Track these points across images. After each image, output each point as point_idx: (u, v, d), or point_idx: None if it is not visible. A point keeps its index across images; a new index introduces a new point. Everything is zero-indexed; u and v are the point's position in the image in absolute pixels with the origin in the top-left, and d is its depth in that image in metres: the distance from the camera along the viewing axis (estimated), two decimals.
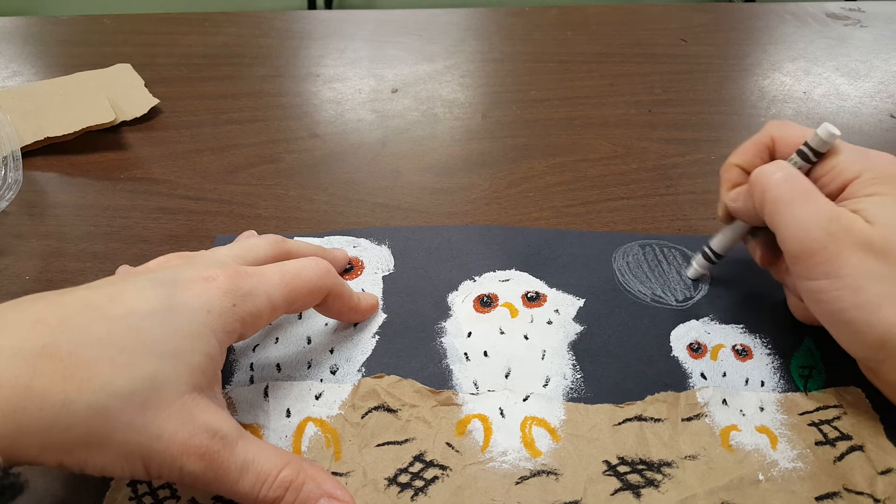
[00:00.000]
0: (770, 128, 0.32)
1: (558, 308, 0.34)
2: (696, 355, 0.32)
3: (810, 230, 0.27)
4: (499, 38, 0.65)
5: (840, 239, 0.26)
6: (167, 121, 0.51)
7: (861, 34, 0.65)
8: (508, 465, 0.27)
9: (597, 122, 0.51)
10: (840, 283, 0.26)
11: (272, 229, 0.40)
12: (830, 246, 0.26)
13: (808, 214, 0.27)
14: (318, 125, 0.51)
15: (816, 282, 0.27)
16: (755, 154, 0.32)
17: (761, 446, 0.28)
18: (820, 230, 0.27)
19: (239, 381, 0.31)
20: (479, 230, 0.39)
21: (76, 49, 0.62)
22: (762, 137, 0.32)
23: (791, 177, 0.28)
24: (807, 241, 0.27)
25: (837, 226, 0.27)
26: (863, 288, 0.26)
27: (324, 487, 0.24)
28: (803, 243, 0.27)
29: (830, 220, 0.27)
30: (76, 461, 0.21)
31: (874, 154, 0.29)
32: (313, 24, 0.68)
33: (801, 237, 0.27)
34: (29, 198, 0.43)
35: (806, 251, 0.27)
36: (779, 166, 0.29)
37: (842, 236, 0.26)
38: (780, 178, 0.29)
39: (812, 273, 0.27)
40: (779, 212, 0.28)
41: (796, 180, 0.28)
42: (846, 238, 0.26)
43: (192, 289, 0.25)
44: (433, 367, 0.31)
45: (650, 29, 0.66)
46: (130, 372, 0.22)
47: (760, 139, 0.32)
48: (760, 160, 0.32)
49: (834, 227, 0.27)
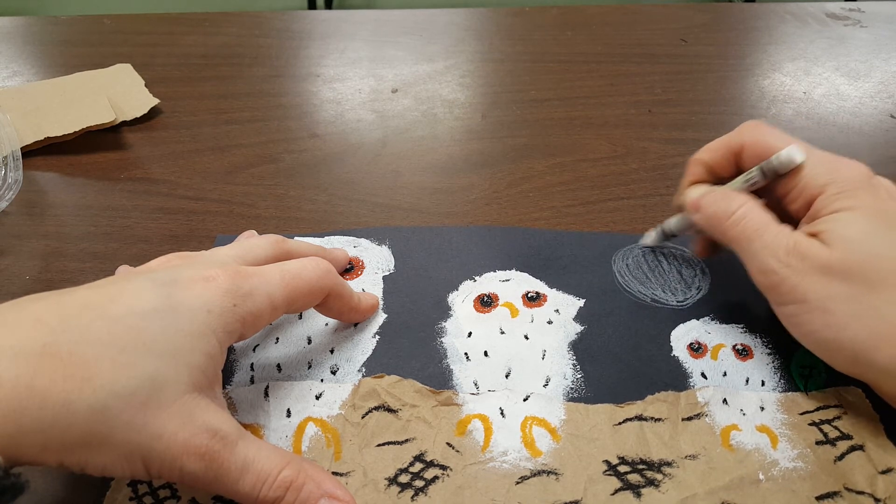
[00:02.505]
0: (744, 131, 0.32)
1: (559, 308, 0.34)
2: (696, 355, 0.32)
3: (769, 264, 0.28)
4: (499, 38, 0.65)
5: (798, 269, 0.27)
6: (167, 121, 0.51)
7: (861, 34, 0.65)
8: (509, 465, 0.27)
9: (597, 122, 0.51)
10: (807, 307, 0.27)
11: (272, 229, 0.40)
12: (791, 277, 0.27)
13: (766, 249, 0.28)
14: (318, 125, 0.51)
15: (786, 307, 0.28)
16: (723, 156, 0.33)
17: (762, 446, 0.28)
18: (777, 262, 0.28)
19: (239, 381, 0.31)
20: (479, 230, 0.39)
21: (76, 49, 0.62)
22: (734, 139, 0.32)
23: (746, 216, 0.29)
24: (769, 275, 0.28)
25: (794, 256, 0.27)
26: (829, 309, 0.26)
27: (324, 487, 0.24)
28: (766, 276, 0.28)
29: (787, 251, 0.28)
30: (77, 461, 0.21)
31: (842, 164, 0.29)
32: (313, 24, 0.68)
33: (763, 271, 0.28)
34: (29, 198, 0.43)
35: (769, 284, 0.28)
36: (737, 204, 0.30)
37: (799, 266, 0.27)
38: (735, 219, 0.30)
39: (781, 299, 0.28)
40: (742, 249, 0.30)
41: (751, 218, 0.29)
42: (804, 266, 0.27)
43: (192, 289, 0.25)
44: (433, 367, 0.31)
45: (650, 29, 0.66)
46: (131, 372, 0.22)
47: (732, 141, 0.33)
48: (727, 162, 0.33)
49: (791, 258, 0.27)
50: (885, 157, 0.47)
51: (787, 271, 0.27)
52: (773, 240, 0.28)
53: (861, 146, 0.48)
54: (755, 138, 0.31)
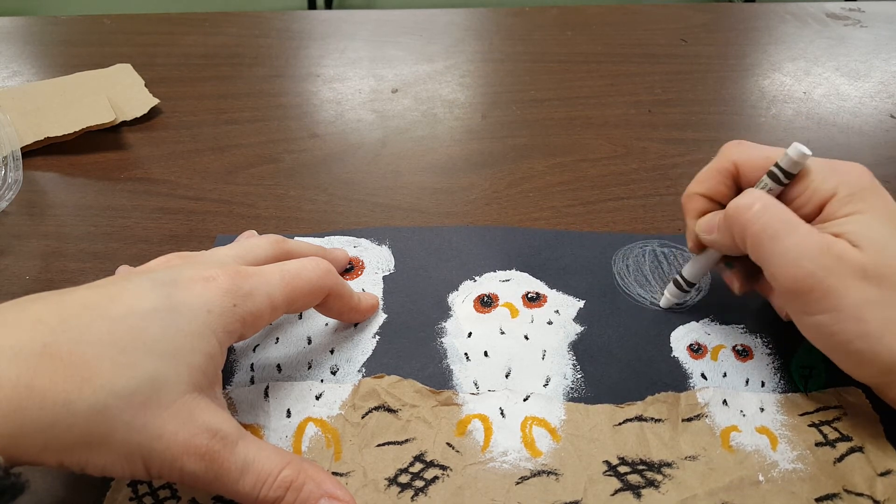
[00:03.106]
0: (729, 152, 0.31)
1: (559, 308, 0.34)
2: (696, 356, 0.32)
3: (803, 265, 0.26)
4: (499, 38, 0.65)
5: (835, 271, 0.25)
6: (167, 121, 0.51)
7: (861, 34, 0.65)
8: (509, 465, 0.27)
9: (597, 122, 0.51)
10: (841, 315, 0.25)
11: (272, 229, 0.40)
12: (827, 279, 0.25)
13: (797, 248, 0.26)
14: (318, 125, 0.51)
15: (816, 317, 0.26)
16: (719, 181, 0.31)
17: (761, 447, 0.28)
18: (813, 264, 0.25)
19: (239, 381, 0.31)
20: (479, 230, 0.39)
21: (76, 49, 0.62)
22: (723, 163, 0.31)
23: (769, 207, 0.27)
24: (801, 277, 0.26)
25: (829, 257, 0.25)
26: (864, 318, 0.25)
27: (324, 487, 0.24)
28: (797, 280, 0.26)
29: (821, 251, 0.25)
30: (77, 461, 0.21)
31: (844, 167, 0.28)
32: (313, 24, 0.68)
33: (794, 273, 0.26)
34: (29, 198, 0.43)
35: (802, 287, 0.26)
36: (754, 197, 0.28)
37: (836, 268, 0.25)
38: (758, 210, 0.27)
39: (810, 308, 0.26)
40: (764, 247, 0.27)
41: (775, 211, 0.27)
42: (841, 269, 0.25)
43: (192, 289, 0.25)
44: (433, 367, 0.31)
45: (650, 29, 0.66)
46: (131, 372, 0.22)
47: (721, 165, 0.31)
48: (725, 187, 0.31)
49: (826, 258, 0.25)
50: (885, 157, 0.47)
51: (824, 273, 0.25)
52: (803, 238, 0.26)
53: (861, 146, 0.48)
54: (747, 154, 0.30)
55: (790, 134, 0.50)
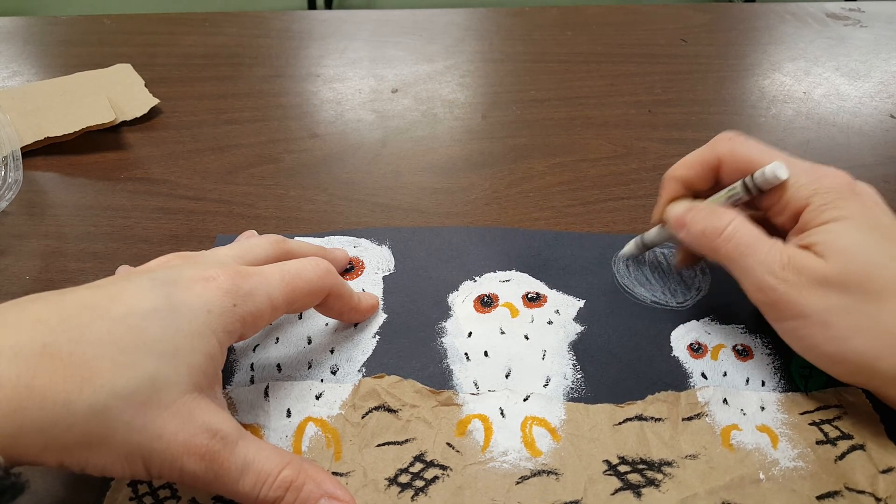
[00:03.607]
0: (719, 145, 0.32)
1: (559, 308, 0.34)
2: (696, 355, 0.32)
3: (765, 281, 0.27)
4: (499, 38, 0.65)
5: (795, 283, 0.27)
6: (167, 121, 0.51)
7: (861, 34, 0.65)
8: (509, 465, 0.27)
9: (597, 122, 0.51)
10: (807, 321, 0.27)
11: (272, 229, 0.40)
12: (788, 292, 0.27)
13: (760, 265, 0.28)
14: (318, 125, 0.51)
15: (786, 322, 0.28)
16: (699, 173, 0.32)
17: (762, 445, 0.28)
18: (774, 279, 0.27)
19: (239, 381, 0.31)
20: (479, 231, 0.39)
21: (76, 49, 0.62)
22: (709, 156, 0.32)
23: (738, 229, 0.29)
24: (766, 291, 0.28)
25: (790, 271, 0.27)
26: (829, 322, 0.26)
27: (324, 487, 0.24)
28: (763, 294, 0.28)
29: (782, 266, 0.27)
30: (77, 461, 0.21)
31: (820, 173, 0.29)
32: (313, 24, 0.68)
33: (760, 288, 0.28)
34: (29, 198, 0.43)
35: (767, 300, 0.28)
36: (724, 220, 0.29)
37: (796, 281, 0.27)
38: (728, 233, 0.29)
39: (780, 316, 0.28)
40: (736, 265, 0.29)
41: (743, 232, 0.29)
42: (801, 280, 0.27)
43: (192, 288, 0.25)
44: (433, 367, 0.31)
45: (650, 29, 0.66)
46: (131, 372, 0.22)
47: (706, 157, 0.32)
48: (704, 180, 0.32)
49: (787, 273, 0.27)
50: (885, 157, 0.47)
51: (785, 286, 0.27)
52: (766, 255, 0.28)
53: (861, 146, 0.48)
54: (733, 152, 0.31)
55: (790, 134, 0.50)
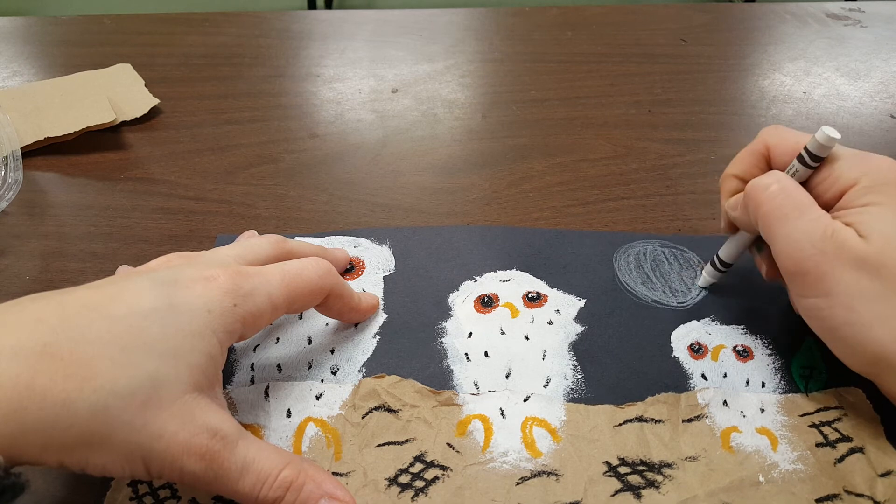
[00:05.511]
0: (764, 134, 0.31)
1: (559, 308, 0.34)
2: (696, 356, 0.32)
3: (802, 248, 0.26)
4: (499, 38, 0.65)
5: (832, 257, 0.26)
6: (167, 121, 0.51)
7: (861, 34, 0.65)
8: (509, 466, 0.27)
9: (597, 122, 0.51)
10: (832, 300, 0.26)
11: (272, 229, 0.40)
12: (822, 264, 0.26)
13: (801, 231, 0.27)
14: (318, 125, 0.51)
15: (810, 299, 0.27)
16: (752, 164, 0.32)
17: (762, 448, 0.28)
18: (812, 248, 0.26)
19: (240, 381, 0.31)
20: (479, 230, 0.39)
21: (76, 49, 0.62)
22: (757, 146, 0.31)
23: (785, 190, 0.28)
24: (799, 259, 0.26)
25: (830, 243, 0.26)
26: (854, 307, 0.25)
27: (324, 488, 0.24)
28: (795, 261, 0.27)
29: (824, 237, 0.26)
30: (77, 461, 0.21)
31: (874, 158, 0.28)
32: (313, 24, 0.68)
33: (793, 255, 0.27)
34: (29, 198, 0.43)
35: (798, 269, 0.27)
36: (774, 178, 0.28)
37: (834, 254, 0.26)
38: (773, 191, 0.28)
39: (805, 291, 0.27)
40: (772, 227, 0.28)
41: (790, 194, 0.27)
42: (838, 255, 0.26)
43: (192, 288, 0.25)
44: (434, 368, 0.31)
45: (650, 29, 0.66)
46: (131, 371, 0.22)
47: (756, 148, 0.31)
48: (758, 169, 0.31)
49: (827, 244, 0.26)
50: None
51: (821, 257, 0.26)
52: (810, 222, 0.26)
53: (861, 146, 0.47)
54: (781, 138, 0.30)
55: None
